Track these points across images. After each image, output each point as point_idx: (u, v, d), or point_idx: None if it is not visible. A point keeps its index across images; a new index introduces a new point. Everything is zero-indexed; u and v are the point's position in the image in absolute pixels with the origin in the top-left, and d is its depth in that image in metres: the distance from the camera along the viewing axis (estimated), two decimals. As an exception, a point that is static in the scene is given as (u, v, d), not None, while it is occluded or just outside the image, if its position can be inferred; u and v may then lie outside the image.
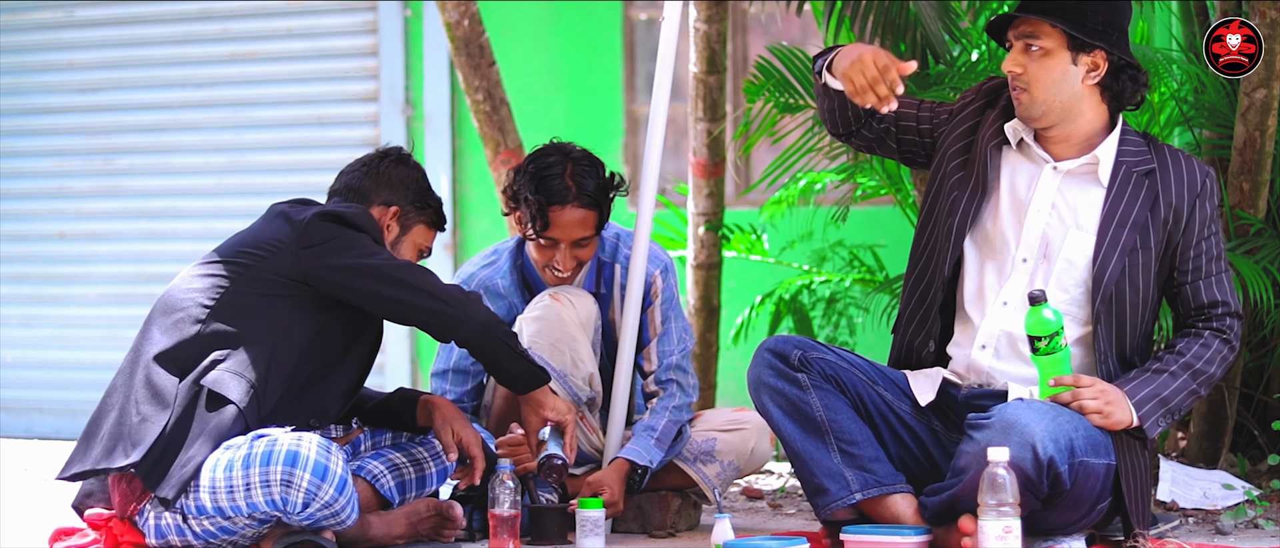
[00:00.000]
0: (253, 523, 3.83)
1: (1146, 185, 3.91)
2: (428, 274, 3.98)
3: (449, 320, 3.97)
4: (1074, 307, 3.91)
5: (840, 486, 3.92)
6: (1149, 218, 3.89)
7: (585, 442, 4.52)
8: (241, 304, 3.91)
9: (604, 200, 4.39)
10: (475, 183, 8.15)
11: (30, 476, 6.45)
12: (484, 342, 3.98)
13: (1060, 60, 3.87)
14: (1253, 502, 4.65)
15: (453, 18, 6.07)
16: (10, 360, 8.89)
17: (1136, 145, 3.96)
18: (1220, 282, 3.93)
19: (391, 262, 3.95)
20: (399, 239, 4.13)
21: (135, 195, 8.75)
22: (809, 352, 4.00)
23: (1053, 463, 3.64)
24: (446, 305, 3.96)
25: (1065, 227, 3.92)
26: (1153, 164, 3.92)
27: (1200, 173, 3.94)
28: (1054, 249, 3.92)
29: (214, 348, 3.88)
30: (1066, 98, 3.89)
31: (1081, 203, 3.92)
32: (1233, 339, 3.91)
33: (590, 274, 4.55)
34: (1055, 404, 3.74)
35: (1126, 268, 3.88)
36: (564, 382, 4.41)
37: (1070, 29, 3.84)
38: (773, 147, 6.12)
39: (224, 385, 3.83)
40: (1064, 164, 3.94)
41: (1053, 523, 3.80)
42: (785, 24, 7.52)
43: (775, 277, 7.01)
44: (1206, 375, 3.88)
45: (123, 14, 8.75)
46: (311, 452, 3.74)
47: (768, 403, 4.01)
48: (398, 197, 4.13)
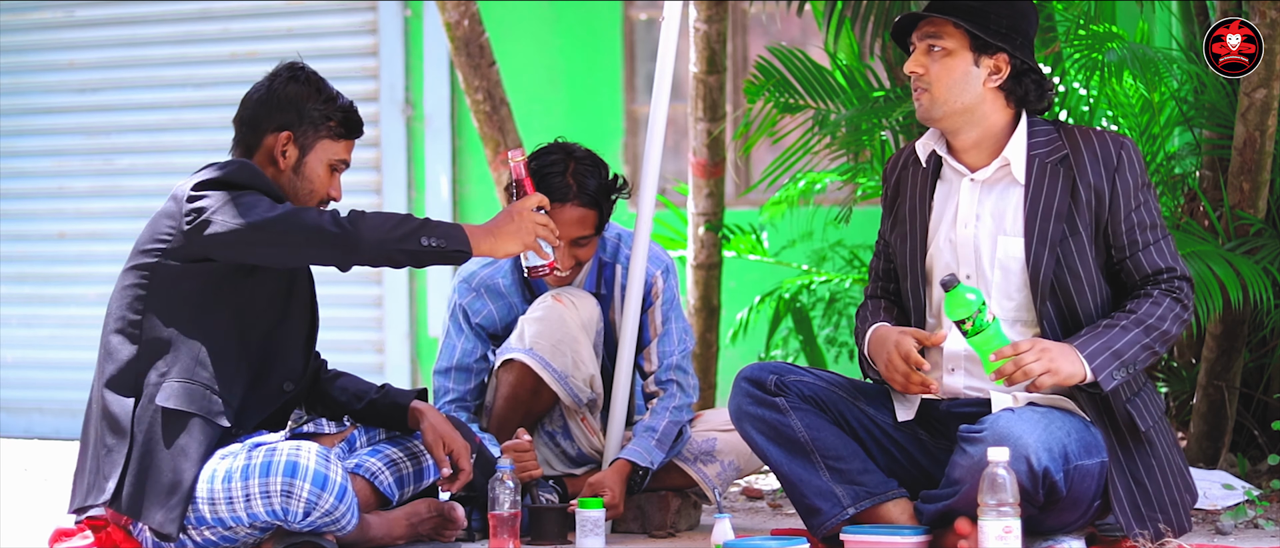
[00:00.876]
0: (254, 532, 3.83)
1: (1063, 173, 3.88)
2: (301, 215, 3.78)
3: (339, 252, 3.80)
4: (1022, 311, 3.89)
5: (832, 504, 3.92)
6: (1071, 205, 3.86)
7: (586, 443, 4.52)
8: (165, 304, 3.85)
9: (604, 201, 4.39)
10: (475, 183, 8.15)
11: (30, 475, 6.45)
12: (383, 257, 3.82)
13: (962, 61, 3.87)
14: (1253, 502, 4.65)
15: (453, 18, 6.07)
16: (10, 360, 8.89)
17: (1046, 134, 3.93)
18: (1161, 249, 3.88)
19: (265, 216, 3.76)
20: (301, 161, 3.99)
21: (135, 195, 8.74)
22: (785, 375, 4.00)
23: (1048, 473, 3.64)
24: (329, 242, 3.78)
25: (993, 234, 3.90)
26: (1065, 150, 3.89)
27: (1114, 146, 3.89)
28: (987, 259, 3.90)
29: (156, 359, 3.83)
30: (968, 99, 3.88)
31: (1004, 207, 3.90)
32: (1184, 299, 3.86)
33: (591, 275, 4.55)
34: (1046, 411, 3.73)
35: (1061, 259, 3.86)
36: (565, 383, 4.41)
37: (973, 29, 3.84)
38: (773, 146, 6.12)
39: (178, 399, 3.80)
40: (980, 174, 3.92)
41: (1051, 525, 3.80)
42: (785, 24, 7.52)
43: (775, 277, 7.01)
44: (1160, 331, 3.82)
45: (123, 14, 8.76)
46: (311, 461, 3.74)
47: (751, 431, 4.02)
48: (289, 118, 3.97)
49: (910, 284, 4.02)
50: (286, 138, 3.98)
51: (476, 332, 4.53)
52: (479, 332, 4.53)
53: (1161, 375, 5.46)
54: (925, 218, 3.99)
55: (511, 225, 3.89)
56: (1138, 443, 3.85)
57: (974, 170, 3.93)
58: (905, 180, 4.06)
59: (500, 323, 4.54)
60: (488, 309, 4.53)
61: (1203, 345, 5.21)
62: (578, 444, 4.52)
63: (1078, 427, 3.74)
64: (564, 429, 4.53)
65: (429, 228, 3.81)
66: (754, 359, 7.06)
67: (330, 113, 4.00)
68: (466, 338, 4.52)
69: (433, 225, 3.82)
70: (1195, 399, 5.25)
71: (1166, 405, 5.50)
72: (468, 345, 4.52)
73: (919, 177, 4.02)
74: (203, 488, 3.76)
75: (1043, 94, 3.92)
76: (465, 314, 4.52)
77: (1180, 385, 5.43)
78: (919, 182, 4.02)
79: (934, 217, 3.98)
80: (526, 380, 4.42)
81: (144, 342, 3.85)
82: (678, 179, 7.37)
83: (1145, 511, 3.84)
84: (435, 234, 3.80)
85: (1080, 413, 3.80)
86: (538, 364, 4.39)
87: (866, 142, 5.62)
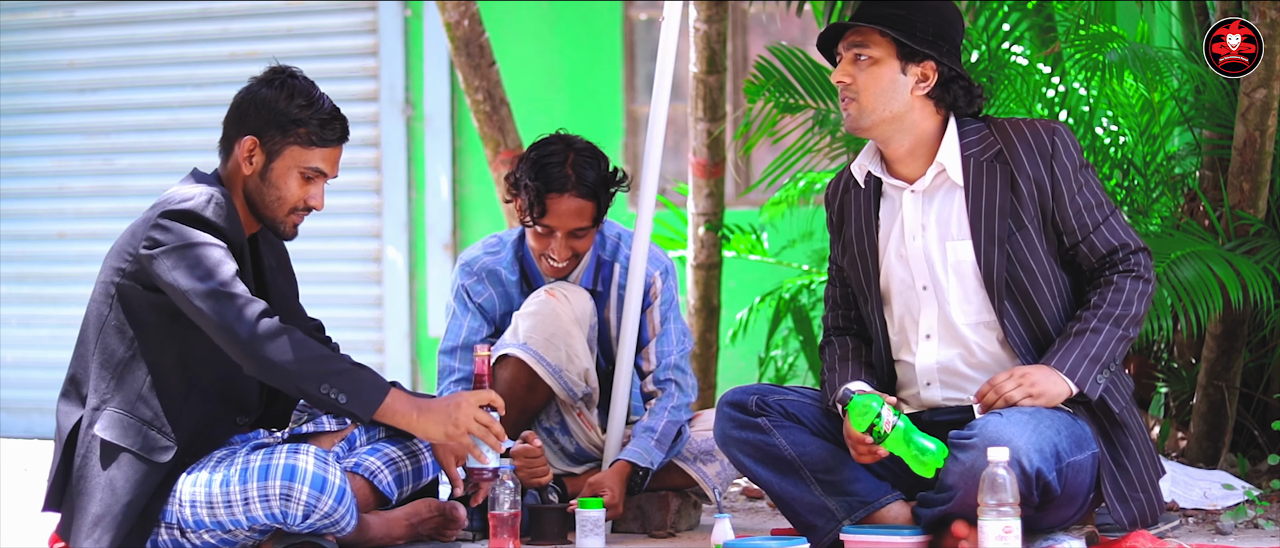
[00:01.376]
0: (253, 535, 3.84)
1: (999, 169, 3.86)
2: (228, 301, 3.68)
3: (239, 356, 3.69)
4: (982, 313, 3.88)
5: (825, 519, 3.91)
6: (1013, 199, 3.85)
7: (584, 438, 4.53)
8: (122, 326, 3.82)
9: (603, 192, 4.39)
10: (475, 183, 8.15)
11: (30, 476, 6.45)
12: (279, 384, 3.71)
13: (889, 69, 3.85)
14: (1253, 502, 4.65)
15: (453, 18, 6.07)
16: (10, 360, 8.90)
17: (977, 132, 3.91)
18: (1111, 227, 3.86)
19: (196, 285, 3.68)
20: (268, 167, 3.88)
21: (135, 195, 8.73)
22: (766, 396, 3.99)
23: (1041, 474, 3.64)
24: (232, 341, 3.67)
25: (941, 241, 3.89)
26: (998, 145, 3.88)
27: (1046, 133, 3.87)
28: (940, 267, 3.89)
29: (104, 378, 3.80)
30: (896, 107, 3.87)
31: (948, 212, 3.89)
32: (1144, 272, 3.84)
33: (588, 271, 4.55)
34: (1034, 411, 3.71)
35: (1012, 255, 3.84)
36: (559, 377, 4.41)
37: (899, 37, 3.83)
38: (773, 147, 6.13)
39: (115, 431, 3.77)
40: (918, 184, 3.91)
41: (1048, 523, 3.80)
42: (785, 24, 7.52)
43: (775, 277, 7.01)
44: (1130, 317, 3.81)
45: (123, 14, 8.76)
46: (309, 465, 3.74)
47: (737, 454, 4.00)
48: (256, 123, 3.87)
49: (870, 307, 4.01)
50: (251, 143, 3.89)
51: (480, 311, 4.53)
52: (482, 311, 4.54)
53: (1161, 376, 5.46)
54: (873, 238, 3.98)
55: (445, 411, 3.74)
56: (1114, 426, 3.86)
57: (912, 182, 3.92)
58: (848, 204, 4.05)
59: (499, 310, 4.54)
60: (488, 293, 4.53)
61: (1203, 345, 5.21)
62: (576, 440, 4.52)
63: (1066, 422, 3.74)
64: (561, 425, 4.53)
65: (343, 379, 3.68)
66: (754, 360, 7.07)
67: (303, 118, 3.89)
68: (473, 316, 4.52)
69: (351, 376, 3.70)
70: (1195, 399, 5.25)
71: (1166, 405, 5.51)
72: (474, 323, 4.52)
73: (860, 198, 4.01)
74: (201, 491, 3.76)
75: (972, 99, 3.91)
76: (468, 294, 4.52)
77: (1180, 385, 5.43)
78: (861, 203, 4.01)
79: (882, 235, 3.97)
80: (522, 376, 4.42)
81: (99, 357, 3.83)
82: (678, 179, 7.37)
83: (1128, 492, 3.85)
84: (343, 388, 3.68)
85: (1065, 407, 3.81)
86: (532, 359, 4.39)
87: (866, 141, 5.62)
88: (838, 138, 5.67)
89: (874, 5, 3.88)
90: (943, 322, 3.90)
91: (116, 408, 3.79)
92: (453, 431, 3.76)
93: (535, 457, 4.31)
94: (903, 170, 3.94)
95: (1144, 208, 5.45)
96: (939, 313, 3.90)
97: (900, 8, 3.86)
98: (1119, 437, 3.85)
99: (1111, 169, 5.52)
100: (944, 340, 3.91)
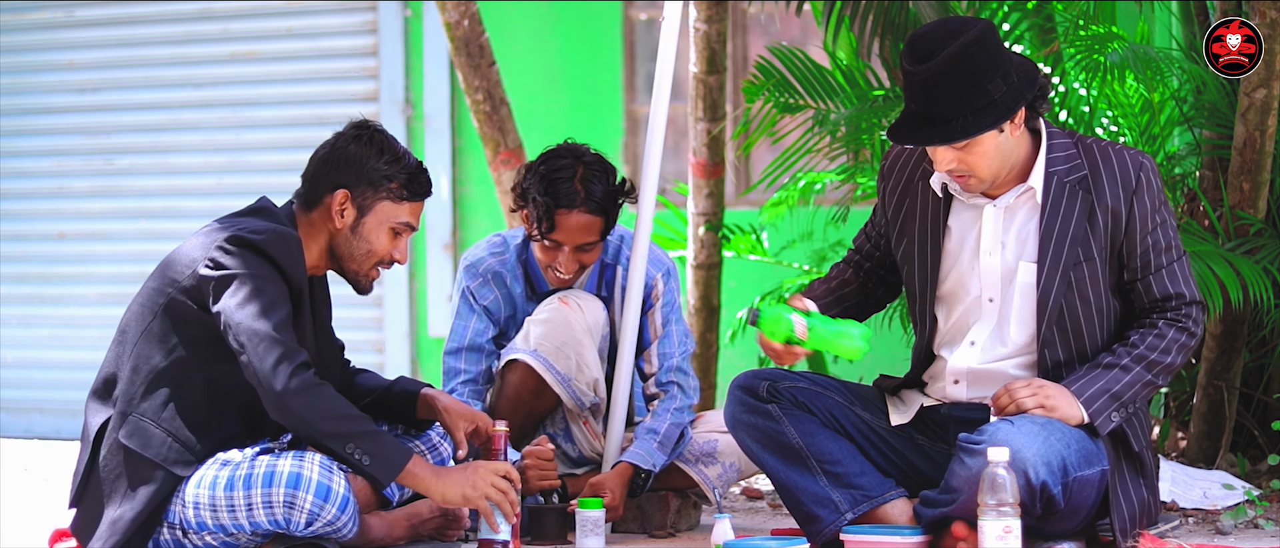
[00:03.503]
0: (256, 539, 3.84)
1: (1081, 196, 3.82)
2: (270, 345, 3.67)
3: (268, 401, 3.69)
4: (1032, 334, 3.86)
5: (829, 511, 3.91)
6: (1088, 229, 3.81)
7: (587, 446, 4.52)
8: (165, 335, 3.80)
9: (611, 207, 4.38)
10: (475, 183, 8.15)
11: (30, 476, 6.45)
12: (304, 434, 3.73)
13: (991, 139, 3.75)
14: (1253, 502, 4.65)
15: (453, 18, 6.07)
16: (10, 360, 8.89)
17: (1065, 150, 3.85)
18: (1172, 273, 3.83)
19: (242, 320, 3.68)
20: (359, 221, 3.90)
21: (135, 195, 8.75)
22: (778, 382, 3.99)
23: (1046, 487, 3.63)
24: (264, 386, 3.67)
25: (1016, 260, 3.85)
26: (1084, 170, 3.83)
27: (1133, 166, 3.82)
28: (1011, 285, 3.86)
29: (136, 384, 3.79)
30: (1005, 157, 3.79)
31: (1028, 232, 3.85)
32: (1191, 326, 3.81)
33: (593, 276, 4.54)
34: (1047, 421, 3.70)
35: (1073, 283, 3.81)
36: (568, 386, 4.41)
37: (995, 126, 3.71)
38: (773, 146, 6.12)
39: (141, 441, 3.77)
40: (1002, 199, 3.86)
41: (1050, 531, 3.80)
42: (785, 24, 7.52)
43: (775, 277, 7.01)
44: (1162, 365, 3.80)
45: (123, 14, 8.76)
46: (314, 473, 3.74)
47: (745, 438, 4.01)
48: (348, 177, 3.89)
49: (918, 310, 3.97)
50: (344, 197, 3.90)
51: (485, 313, 4.53)
52: (488, 313, 4.53)
53: (1161, 375, 5.46)
54: (939, 245, 3.92)
55: (464, 477, 3.76)
56: (1130, 460, 3.85)
57: (994, 197, 3.87)
58: (914, 193, 3.97)
59: (504, 313, 4.54)
60: (493, 295, 4.53)
61: (1203, 345, 5.21)
62: (579, 447, 4.52)
63: (1078, 436, 3.73)
64: (566, 432, 4.53)
65: (367, 441, 3.70)
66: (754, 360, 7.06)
67: (393, 173, 3.90)
68: (478, 318, 4.51)
69: (375, 440, 3.71)
70: (1195, 399, 5.25)
71: (1166, 405, 5.51)
72: (479, 326, 4.51)
73: (928, 197, 3.94)
74: (204, 494, 3.76)
75: (1046, 98, 3.84)
76: (473, 295, 4.52)
77: (1180, 386, 5.43)
78: (930, 204, 3.94)
79: (953, 242, 3.92)
80: (529, 382, 4.41)
81: (134, 362, 3.81)
82: (678, 179, 7.37)
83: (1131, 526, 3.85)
84: (367, 450, 3.69)
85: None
86: (541, 366, 4.39)
87: (866, 141, 5.62)
88: (838, 138, 5.67)
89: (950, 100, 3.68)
90: (994, 334, 3.88)
91: (142, 416, 3.78)
92: (470, 493, 3.77)
93: (546, 459, 4.31)
94: (989, 189, 3.87)
95: (1144, 208, 5.45)
96: (996, 326, 3.88)
97: (971, 87, 3.68)
98: (1131, 471, 3.85)
99: (1111, 169, 5.52)
100: (986, 350, 3.89)
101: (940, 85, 3.67)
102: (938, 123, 3.71)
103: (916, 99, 3.72)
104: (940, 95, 3.68)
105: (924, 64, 3.67)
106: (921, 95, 3.70)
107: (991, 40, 3.72)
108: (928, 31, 3.73)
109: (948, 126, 3.70)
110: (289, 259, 3.80)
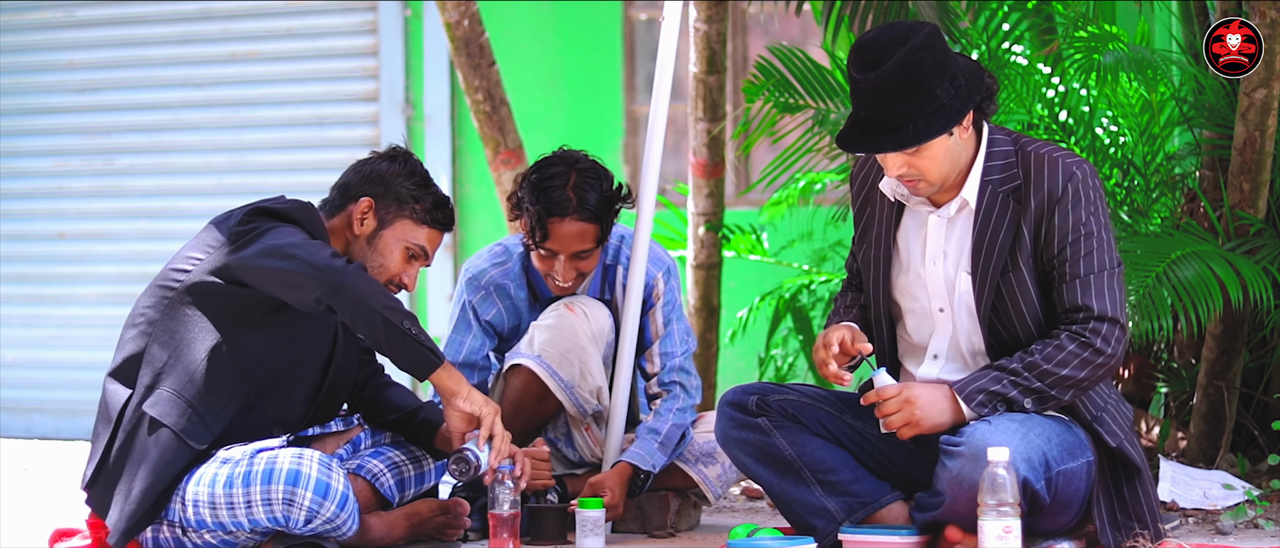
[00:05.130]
0: (255, 537, 3.85)
1: (1012, 206, 3.79)
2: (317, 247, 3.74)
3: (319, 284, 3.68)
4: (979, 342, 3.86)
5: (825, 520, 3.91)
6: (1014, 239, 3.78)
7: (588, 452, 4.52)
8: (183, 314, 3.85)
9: (606, 214, 4.36)
10: (475, 183, 8.15)
11: (30, 475, 6.45)
12: (361, 312, 3.71)
13: (940, 142, 3.73)
14: (1253, 502, 4.65)
15: (453, 18, 6.08)
16: (10, 360, 8.89)
17: (1004, 158, 3.81)
18: (1087, 285, 3.75)
19: (287, 239, 3.74)
20: (377, 233, 3.99)
21: (135, 195, 8.75)
22: (766, 395, 3.98)
23: (1028, 483, 3.63)
24: (314, 266, 3.69)
25: (955, 270, 3.84)
26: (1018, 180, 3.78)
27: (1064, 175, 3.76)
28: (955, 294, 3.85)
29: (157, 361, 3.84)
30: (954, 160, 3.78)
31: (965, 242, 3.84)
32: (1095, 341, 3.71)
33: (595, 278, 4.54)
34: (1026, 419, 3.70)
35: (1003, 292, 3.79)
36: (571, 393, 4.41)
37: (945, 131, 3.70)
38: (772, 146, 6.13)
39: (163, 410, 3.81)
40: (944, 210, 3.84)
41: (1045, 528, 3.79)
42: (785, 24, 7.52)
43: (775, 277, 7.02)
44: (1056, 377, 3.72)
45: (123, 14, 8.76)
46: (313, 470, 3.75)
47: (738, 454, 4.00)
48: (375, 190, 4.01)
49: (873, 315, 3.97)
50: (367, 205, 4.00)
51: (485, 329, 4.52)
52: (487, 329, 4.53)
53: (1161, 376, 5.46)
54: (890, 251, 3.92)
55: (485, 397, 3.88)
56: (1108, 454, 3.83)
57: (938, 205, 3.86)
58: (873, 199, 3.97)
59: (507, 325, 4.54)
60: (496, 309, 4.52)
61: (1203, 345, 5.21)
62: (580, 453, 4.52)
63: (1057, 430, 3.72)
64: (567, 437, 4.53)
65: (416, 324, 3.76)
66: (754, 360, 7.07)
67: (420, 196, 4.01)
68: (474, 336, 4.51)
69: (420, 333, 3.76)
70: (1195, 399, 5.25)
71: (1166, 405, 5.51)
72: (475, 343, 4.51)
73: (884, 204, 3.93)
74: (205, 491, 3.77)
75: (992, 99, 3.80)
76: (474, 311, 4.51)
77: (1180, 386, 5.43)
78: (885, 211, 3.93)
79: (901, 250, 3.91)
80: (532, 387, 4.41)
81: (153, 341, 3.86)
82: (678, 179, 7.37)
83: (1122, 520, 3.84)
84: (417, 332, 3.75)
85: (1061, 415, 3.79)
86: (545, 372, 4.39)
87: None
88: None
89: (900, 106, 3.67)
90: (953, 345, 3.88)
91: (168, 389, 3.82)
92: (485, 409, 3.83)
93: (542, 460, 4.31)
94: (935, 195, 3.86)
95: (1144, 208, 5.45)
96: (951, 337, 3.88)
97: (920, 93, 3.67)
98: (1113, 467, 3.84)
99: (1111, 169, 5.52)
100: (949, 361, 3.89)
101: (889, 92, 3.67)
102: (888, 130, 3.70)
103: (865, 106, 3.71)
104: (889, 102, 3.68)
105: (873, 71, 3.67)
106: (870, 103, 3.70)
107: (938, 44, 3.71)
108: (874, 37, 3.72)
109: (898, 133, 3.69)
110: (312, 225, 3.89)
